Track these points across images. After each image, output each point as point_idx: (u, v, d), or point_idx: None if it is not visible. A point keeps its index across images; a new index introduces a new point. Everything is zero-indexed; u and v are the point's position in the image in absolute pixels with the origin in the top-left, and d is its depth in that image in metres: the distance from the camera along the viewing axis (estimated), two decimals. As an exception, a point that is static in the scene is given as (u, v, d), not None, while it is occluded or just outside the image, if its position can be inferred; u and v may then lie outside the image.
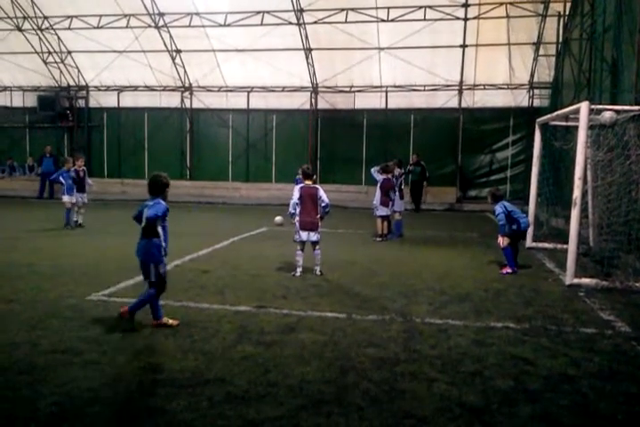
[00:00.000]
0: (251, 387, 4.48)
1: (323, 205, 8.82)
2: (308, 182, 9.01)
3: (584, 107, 8.16)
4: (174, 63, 24.10)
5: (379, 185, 12.80)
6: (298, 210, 8.86)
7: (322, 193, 8.87)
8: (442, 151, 22.70)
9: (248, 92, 24.58)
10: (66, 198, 14.03)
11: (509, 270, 9.33)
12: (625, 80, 11.58)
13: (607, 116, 8.57)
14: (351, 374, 4.82)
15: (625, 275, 8.07)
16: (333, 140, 23.79)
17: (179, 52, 23.76)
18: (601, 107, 8.71)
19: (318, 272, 8.89)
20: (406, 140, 23.15)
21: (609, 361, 5.27)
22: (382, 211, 12.71)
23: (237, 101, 24.88)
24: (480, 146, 22.58)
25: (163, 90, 25.21)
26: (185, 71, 24.54)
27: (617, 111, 8.70)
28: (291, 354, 5.25)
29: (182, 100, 25.25)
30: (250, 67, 23.53)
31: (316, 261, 8.95)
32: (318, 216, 8.87)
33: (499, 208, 9.49)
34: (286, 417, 3.98)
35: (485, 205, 20.14)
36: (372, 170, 13.44)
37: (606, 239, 8.81)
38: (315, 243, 8.94)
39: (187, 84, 24.94)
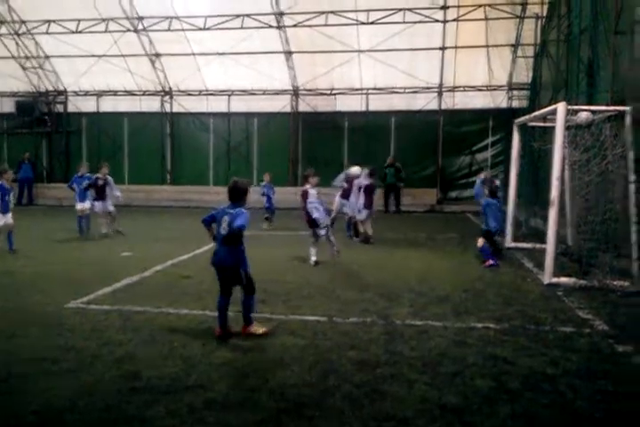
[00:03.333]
0: (230, 392, 4.45)
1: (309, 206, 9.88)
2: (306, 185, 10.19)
3: (561, 107, 8.26)
4: (154, 67, 23.98)
5: (363, 189, 12.82)
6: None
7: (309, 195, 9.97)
8: (422, 153, 22.85)
9: (229, 96, 24.52)
10: (77, 206, 13.48)
11: (492, 262, 9.79)
12: (601, 81, 11.74)
13: (583, 116, 8.68)
14: (332, 377, 4.81)
15: (603, 274, 8.16)
16: (315, 143, 23.81)
17: (158, 56, 23.64)
18: (577, 107, 8.83)
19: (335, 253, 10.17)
20: (387, 143, 23.27)
21: (587, 360, 5.33)
22: (365, 214, 12.80)
23: (218, 105, 24.80)
24: (460, 147, 22.78)
25: (142, 94, 25.03)
26: (165, 75, 24.43)
27: (593, 112, 8.82)
28: (271, 358, 5.24)
29: (162, 105, 25.12)
30: (230, 70, 23.46)
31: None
32: (315, 216, 9.88)
33: (484, 201, 10.30)
34: (267, 422, 3.96)
35: (466, 206, 20.40)
36: (340, 178, 13.41)
37: (584, 239, 8.91)
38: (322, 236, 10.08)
39: (167, 89, 24.83)
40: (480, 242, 10.13)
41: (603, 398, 4.46)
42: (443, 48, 21.41)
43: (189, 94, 24.88)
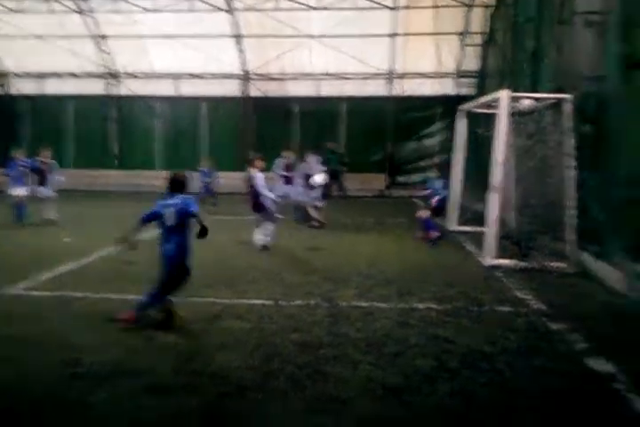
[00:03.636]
0: (172, 377, 4.42)
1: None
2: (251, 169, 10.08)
3: (504, 95, 8.44)
4: (100, 49, 23.22)
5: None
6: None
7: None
8: (372, 139, 22.97)
9: (177, 79, 24.01)
10: (13, 191, 12.73)
11: (437, 233, 10.48)
12: (544, 69, 12.04)
13: (526, 103, 8.90)
14: (275, 359, 4.83)
15: (541, 256, 8.44)
16: (266, 128, 23.58)
17: (104, 37, 22.89)
18: (520, 95, 9.05)
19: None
20: (338, 128, 23.30)
21: (523, 338, 5.52)
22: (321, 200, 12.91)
23: (166, 89, 24.23)
24: (409, 133, 23.01)
25: (88, 76, 24.21)
26: (111, 58, 23.69)
27: (535, 99, 9.05)
28: (215, 342, 5.22)
29: (108, 87, 24.40)
30: (179, 53, 22.88)
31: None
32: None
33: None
34: (208, 405, 3.96)
35: (414, 191, 20.67)
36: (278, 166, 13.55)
37: (525, 222, 9.18)
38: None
39: (113, 71, 24.11)
40: (424, 213, 10.68)
41: (538, 375, 4.64)
42: (393, 35, 21.50)
43: (136, 77, 24.21)
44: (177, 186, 5.93)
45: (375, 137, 22.99)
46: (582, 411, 4.02)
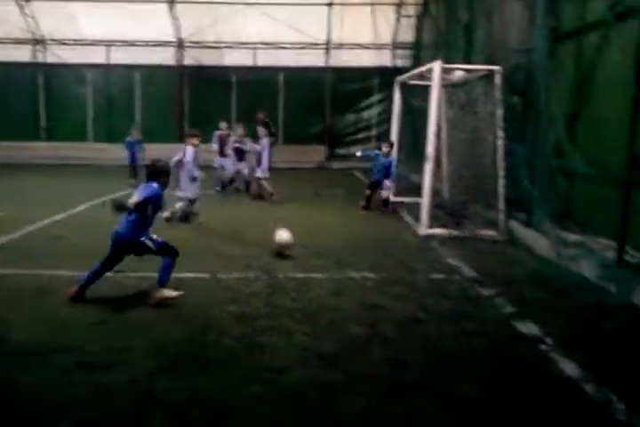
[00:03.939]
0: (104, 352, 4.34)
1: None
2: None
3: (436, 66, 8.51)
4: (23, 13, 21.90)
5: (267, 148, 12.61)
6: None
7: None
8: (311, 110, 22.83)
9: (108, 46, 23.03)
10: None
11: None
12: (477, 41, 12.21)
13: (457, 75, 9.02)
14: (212, 331, 4.82)
15: (473, 224, 8.70)
16: (202, 98, 23.01)
17: (28, 0, 21.61)
18: (451, 66, 9.14)
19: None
20: (275, 99, 23.01)
21: (455, 304, 5.71)
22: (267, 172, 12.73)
23: (97, 56, 23.21)
24: (347, 105, 23.00)
25: (11, 42, 22.86)
26: (36, 22, 22.42)
27: (466, 71, 9.18)
28: (149, 317, 5.14)
29: (34, 55, 23.15)
30: (109, 19, 21.87)
31: None
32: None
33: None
34: (141, 380, 3.91)
35: (353, 163, 20.85)
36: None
37: (458, 192, 9.40)
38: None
39: (39, 37, 22.86)
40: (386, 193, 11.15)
41: (466, 338, 4.82)
42: (330, 4, 21.28)
43: (64, 44, 23.04)
44: (151, 173, 5.77)
45: (314, 108, 22.87)
46: (509, 371, 4.21)
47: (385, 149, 11.31)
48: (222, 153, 13.38)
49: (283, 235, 7.44)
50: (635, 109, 5.81)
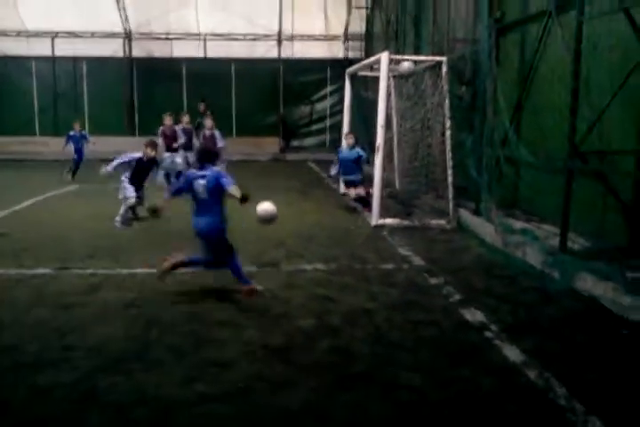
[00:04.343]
0: (44, 353, 4.20)
1: None
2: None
3: (384, 57, 8.52)
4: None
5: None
6: None
7: None
8: (264, 102, 22.72)
9: (52, 38, 22.33)
10: None
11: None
12: (425, 33, 12.30)
13: (405, 66, 9.06)
14: (156, 328, 4.72)
15: (423, 214, 8.78)
16: (151, 91, 22.65)
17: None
18: (399, 57, 9.19)
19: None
20: (228, 91, 22.79)
21: (403, 293, 5.74)
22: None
23: (41, 48, 22.52)
24: (300, 97, 22.99)
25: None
26: (-27, 12, 21.56)
27: (414, 62, 9.23)
28: (92, 315, 5.01)
29: (-26, 46, 22.32)
30: (53, 9, 21.26)
31: None
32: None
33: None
34: (81, 380, 3.79)
35: (307, 155, 20.81)
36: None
37: (409, 182, 9.47)
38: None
39: (-22, 28, 22.01)
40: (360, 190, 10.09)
41: (413, 327, 4.85)
42: (281, -5, 21.12)
43: (6, 35, 22.27)
44: (206, 157, 5.68)
45: (267, 100, 22.76)
46: (455, 359, 4.25)
47: (349, 140, 10.35)
48: (170, 148, 12.92)
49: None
50: (574, 100, 5.93)
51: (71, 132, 14.68)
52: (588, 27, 5.90)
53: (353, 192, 10.10)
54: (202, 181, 5.46)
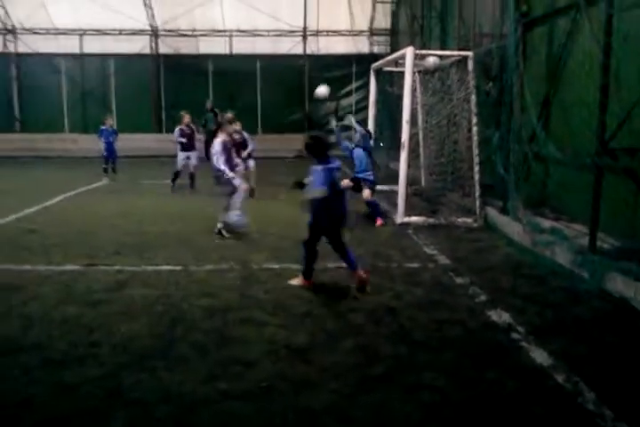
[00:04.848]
0: (71, 350, 4.26)
1: None
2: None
3: (409, 52, 8.43)
4: (-8, 2, 21.47)
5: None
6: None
7: None
8: (289, 98, 22.71)
9: (81, 36, 22.63)
10: None
11: (381, 221, 8.93)
12: (451, 28, 12.15)
13: (431, 61, 8.95)
14: (181, 326, 4.74)
15: (449, 212, 8.68)
16: (178, 88, 22.80)
17: (-5, -11, 21.16)
18: (425, 52, 9.08)
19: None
20: (253, 87, 22.82)
21: (428, 292, 5.69)
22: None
23: (70, 45, 22.83)
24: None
25: (-20, 33, 22.44)
26: (6, 11, 21.94)
27: (440, 56, 9.11)
28: (118, 312, 5.06)
29: (5, 44, 22.71)
30: (81, 8, 21.55)
31: None
32: None
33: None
34: (107, 377, 3.84)
35: (335, 151, 20.68)
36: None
37: (434, 179, 9.37)
38: None
39: (9, 26, 22.37)
40: (367, 194, 8.91)
41: (438, 327, 4.80)
42: (306, -10, 21.08)
43: (36, 33, 22.62)
44: (323, 148, 5.69)
45: (292, 96, 22.74)
46: (480, 361, 4.19)
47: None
48: (189, 146, 12.79)
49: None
50: (603, 95, 5.79)
51: (102, 127, 14.78)
52: (618, 19, 5.75)
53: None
54: (338, 174, 5.67)
